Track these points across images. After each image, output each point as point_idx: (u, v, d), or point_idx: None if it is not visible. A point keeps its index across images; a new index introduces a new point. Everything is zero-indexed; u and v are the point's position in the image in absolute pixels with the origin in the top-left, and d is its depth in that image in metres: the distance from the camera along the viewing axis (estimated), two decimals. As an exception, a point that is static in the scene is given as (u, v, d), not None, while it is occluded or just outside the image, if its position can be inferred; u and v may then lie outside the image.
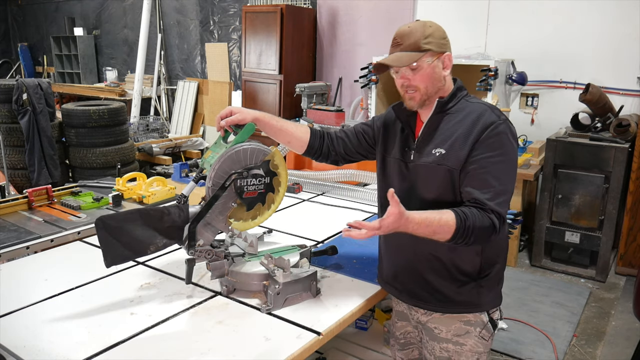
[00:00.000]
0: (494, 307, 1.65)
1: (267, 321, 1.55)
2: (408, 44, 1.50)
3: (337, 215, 2.57)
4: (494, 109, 1.52)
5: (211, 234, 1.70)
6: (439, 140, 1.54)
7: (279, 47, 5.64)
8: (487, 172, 1.46)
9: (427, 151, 1.55)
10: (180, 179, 3.29)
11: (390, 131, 1.70)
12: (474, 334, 1.61)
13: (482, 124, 1.48)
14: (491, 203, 1.43)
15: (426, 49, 1.49)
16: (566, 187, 4.04)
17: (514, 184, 1.51)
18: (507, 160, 1.48)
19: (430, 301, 1.62)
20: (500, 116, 1.50)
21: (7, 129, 4.93)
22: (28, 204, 2.63)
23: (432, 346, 1.67)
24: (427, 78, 1.52)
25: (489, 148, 1.46)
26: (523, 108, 4.80)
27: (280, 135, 1.78)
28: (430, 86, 1.53)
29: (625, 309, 3.55)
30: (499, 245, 1.61)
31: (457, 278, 1.57)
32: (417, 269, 1.61)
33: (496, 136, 1.46)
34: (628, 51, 4.21)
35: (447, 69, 1.55)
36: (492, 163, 1.46)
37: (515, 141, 1.51)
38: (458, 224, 1.39)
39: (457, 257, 1.56)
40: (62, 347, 1.41)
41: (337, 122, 4.97)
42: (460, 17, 4.93)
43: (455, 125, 1.52)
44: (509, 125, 1.50)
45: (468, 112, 1.52)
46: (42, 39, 9.91)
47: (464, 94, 1.59)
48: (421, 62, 1.50)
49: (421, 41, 1.49)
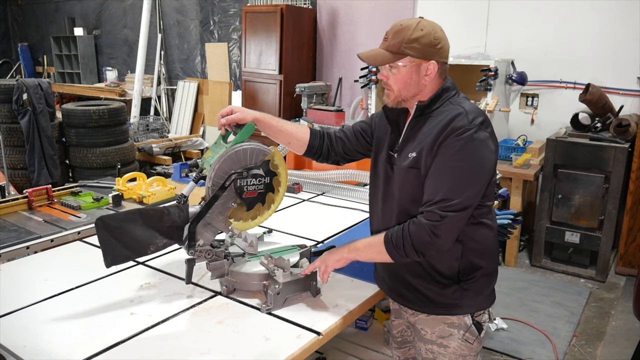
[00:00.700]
0: (479, 310, 1.60)
1: (267, 321, 1.55)
2: (392, 43, 1.49)
3: (337, 215, 2.57)
4: (469, 114, 1.45)
5: (211, 234, 1.70)
6: (415, 143, 1.52)
7: (279, 47, 5.64)
8: (440, 176, 1.43)
9: (404, 154, 1.54)
10: (180, 179, 3.29)
11: (383, 131, 1.69)
12: (457, 337, 1.59)
13: (450, 129, 1.42)
14: (432, 207, 1.41)
15: (405, 53, 1.47)
16: (566, 187, 4.04)
17: (473, 190, 1.44)
18: (465, 166, 1.42)
19: (414, 301, 1.62)
20: (473, 121, 1.43)
21: (7, 129, 4.93)
22: (28, 204, 2.63)
23: (419, 347, 1.68)
24: (401, 82, 1.51)
25: (449, 151, 1.42)
26: (523, 108, 4.80)
27: (280, 135, 1.78)
28: (403, 90, 1.52)
29: (625, 309, 3.55)
30: (482, 249, 1.57)
31: (437, 280, 1.56)
32: (398, 271, 1.62)
33: (458, 141, 1.41)
34: (628, 51, 4.21)
35: (429, 77, 1.50)
36: (448, 168, 1.42)
37: (484, 147, 1.44)
38: (385, 239, 1.48)
39: (434, 260, 1.54)
40: (62, 347, 1.41)
41: (337, 122, 4.97)
42: (460, 17, 4.93)
43: (431, 129, 1.48)
44: (481, 131, 1.43)
45: (444, 117, 1.47)
46: (42, 39, 9.90)
47: (451, 94, 1.53)
48: (397, 65, 1.49)
49: (403, 44, 1.47)
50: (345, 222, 2.45)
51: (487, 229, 1.58)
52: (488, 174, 1.48)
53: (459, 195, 1.40)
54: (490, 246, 1.61)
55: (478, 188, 1.45)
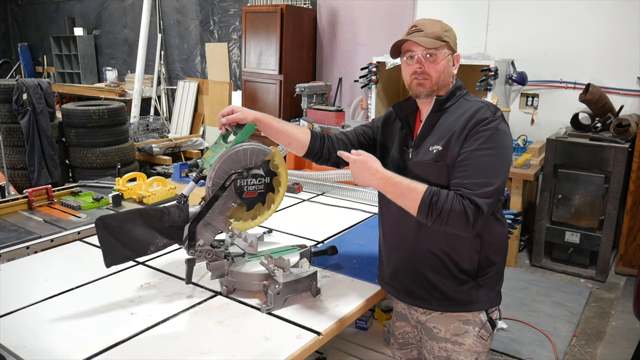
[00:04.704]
0: (493, 307, 1.64)
1: (267, 321, 1.55)
2: (430, 31, 1.53)
3: (337, 215, 2.57)
4: (490, 107, 1.52)
5: (211, 234, 1.70)
6: (436, 137, 1.54)
7: (279, 47, 5.64)
8: (472, 164, 1.46)
9: (425, 149, 1.55)
10: (180, 179, 3.29)
11: (390, 131, 1.71)
12: (472, 334, 1.61)
13: (476, 120, 1.48)
14: (469, 191, 1.43)
15: (446, 41, 1.54)
16: (566, 187, 4.04)
17: (502, 180, 1.48)
18: (496, 154, 1.46)
19: (429, 300, 1.62)
20: (495, 113, 1.50)
21: (7, 129, 4.93)
22: (28, 204, 2.63)
23: (431, 345, 1.67)
24: (441, 69, 1.55)
25: (478, 141, 1.46)
26: (523, 108, 4.80)
27: (281, 136, 1.78)
28: (441, 78, 1.55)
29: (625, 309, 3.55)
30: (497, 244, 1.61)
31: (456, 276, 1.57)
32: (416, 266, 1.61)
33: (486, 131, 1.46)
34: (628, 51, 4.21)
35: (456, 68, 1.59)
36: (478, 156, 1.46)
37: (508, 139, 1.50)
38: (426, 194, 1.42)
39: (456, 254, 1.56)
40: (62, 347, 1.41)
41: (337, 122, 4.97)
42: (460, 17, 4.92)
43: (453, 123, 1.52)
44: (503, 123, 1.50)
45: (465, 110, 1.53)
46: (42, 39, 9.90)
47: (463, 93, 1.60)
48: (440, 52, 1.53)
49: (442, 33, 1.53)
50: (345, 222, 2.45)
51: (500, 225, 1.62)
52: (510, 162, 1.54)
53: (491, 183, 1.44)
54: (503, 242, 1.65)
55: (505, 176, 1.51)
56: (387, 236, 1.70)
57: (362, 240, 2.22)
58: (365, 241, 2.20)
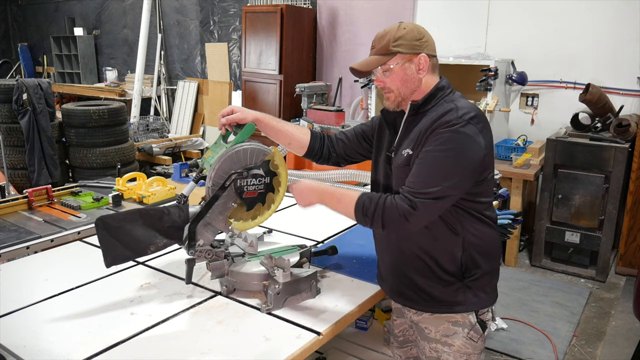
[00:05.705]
0: (483, 309, 1.61)
1: (267, 321, 1.55)
2: (379, 47, 1.53)
3: (337, 215, 2.56)
4: (460, 109, 1.46)
5: (211, 234, 1.70)
6: (408, 141, 1.54)
7: (279, 47, 5.64)
8: (422, 164, 1.46)
9: (400, 153, 1.56)
10: (180, 179, 3.29)
11: (383, 134, 1.71)
12: (461, 335, 1.60)
13: (439, 122, 1.45)
14: (407, 188, 1.44)
15: (395, 52, 1.51)
16: (566, 187, 4.04)
17: (453, 182, 1.43)
18: (450, 157, 1.43)
19: (417, 301, 1.62)
20: (462, 116, 1.44)
21: (7, 129, 4.93)
22: (28, 204, 2.63)
23: (423, 346, 1.68)
24: (398, 80, 1.53)
25: (434, 143, 1.45)
26: (523, 108, 4.80)
27: (281, 136, 1.78)
28: (402, 88, 1.54)
29: (625, 309, 3.55)
30: (484, 245, 1.58)
31: (440, 277, 1.57)
32: (403, 268, 1.62)
33: (445, 133, 1.43)
34: (628, 51, 4.21)
35: (423, 71, 1.53)
36: (430, 157, 1.44)
37: (471, 142, 1.44)
38: (360, 197, 1.50)
39: (437, 254, 1.55)
40: (62, 347, 1.41)
41: (337, 122, 4.97)
42: (461, 17, 4.92)
43: (423, 125, 1.51)
44: (470, 126, 1.43)
45: (437, 113, 1.49)
46: (42, 39, 9.90)
47: (446, 93, 1.55)
48: (390, 65, 1.52)
49: (390, 44, 1.51)
50: (345, 222, 2.45)
51: (486, 226, 1.59)
52: (471, 167, 1.46)
53: (435, 184, 1.42)
54: (492, 244, 1.62)
55: (458, 179, 1.44)
56: (376, 238, 1.73)
57: (362, 240, 2.21)
58: (365, 241, 2.20)
